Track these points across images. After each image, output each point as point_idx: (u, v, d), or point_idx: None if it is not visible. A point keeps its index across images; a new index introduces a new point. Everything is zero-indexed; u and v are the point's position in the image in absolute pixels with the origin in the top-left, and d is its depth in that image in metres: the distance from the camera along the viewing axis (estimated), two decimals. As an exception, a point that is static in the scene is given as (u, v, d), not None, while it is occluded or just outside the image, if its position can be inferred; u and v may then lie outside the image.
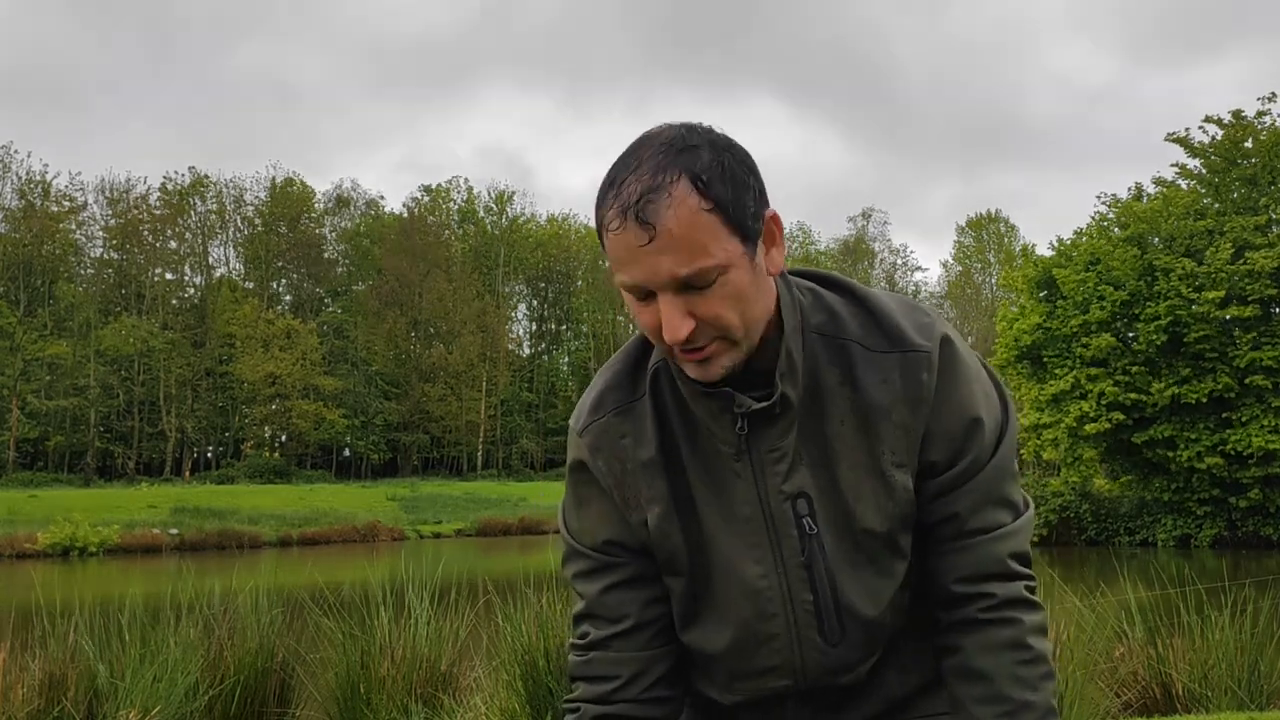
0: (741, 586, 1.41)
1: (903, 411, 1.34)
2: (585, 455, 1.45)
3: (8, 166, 60.78)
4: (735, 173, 1.23)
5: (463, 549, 30.72)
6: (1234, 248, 28.21)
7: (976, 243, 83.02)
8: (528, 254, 75.69)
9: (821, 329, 1.37)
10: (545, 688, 5.07)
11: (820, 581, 1.39)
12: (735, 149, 1.26)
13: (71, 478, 54.27)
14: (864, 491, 1.37)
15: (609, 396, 1.45)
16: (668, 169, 1.20)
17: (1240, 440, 27.66)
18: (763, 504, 1.38)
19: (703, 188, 1.20)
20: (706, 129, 1.27)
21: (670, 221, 1.19)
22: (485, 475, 64.39)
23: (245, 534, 33.56)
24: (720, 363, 1.29)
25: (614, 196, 1.22)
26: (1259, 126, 29.84)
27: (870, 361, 1.35)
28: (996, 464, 1.38)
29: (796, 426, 1.36)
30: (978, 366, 1.41)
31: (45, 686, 5.02)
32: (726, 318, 1.25)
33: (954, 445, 1.36)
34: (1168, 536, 29.15)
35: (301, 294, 69.69)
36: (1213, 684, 5.46)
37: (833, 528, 1.38)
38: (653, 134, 1.27)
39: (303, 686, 5.87)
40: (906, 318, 1.37)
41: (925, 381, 1.34)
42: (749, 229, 1.24)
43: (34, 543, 29.66)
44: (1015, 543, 1.40)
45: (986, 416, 1.37)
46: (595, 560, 1.48)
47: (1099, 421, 28.64)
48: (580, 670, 1.49)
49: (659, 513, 1.41)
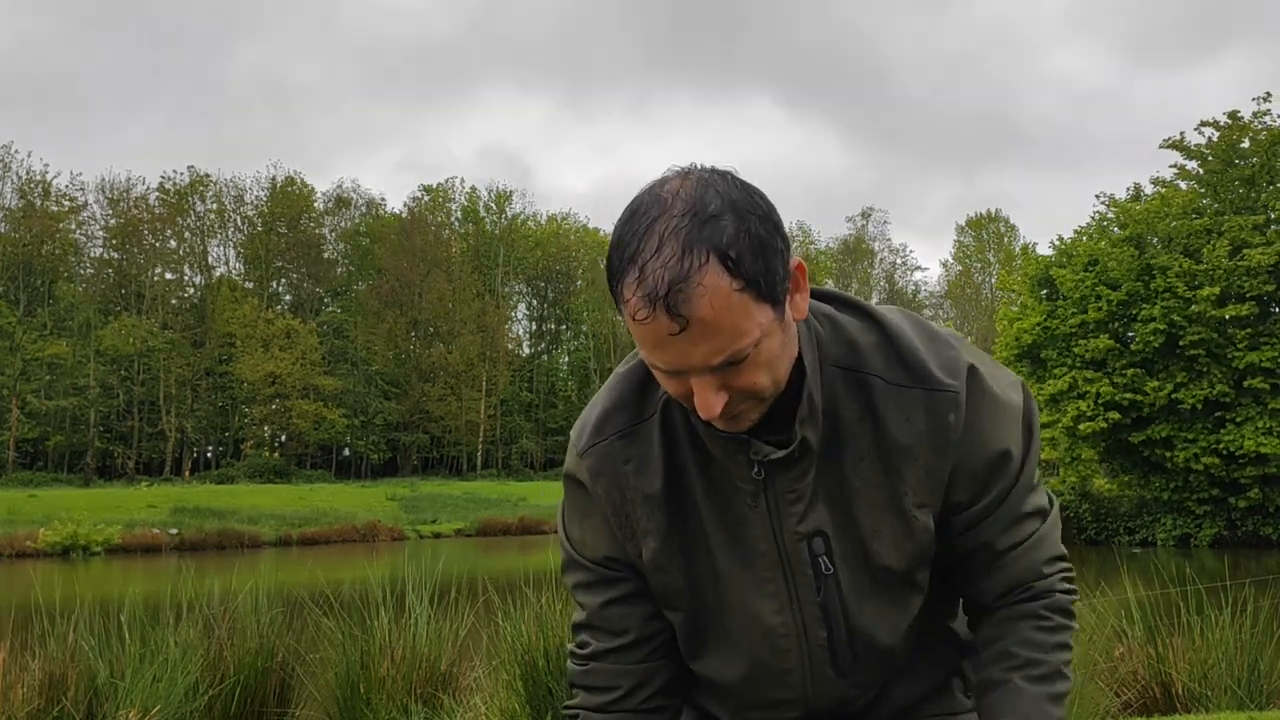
0: (755, 624, 1.39)
1: (928, 453, 1.31)
2: (585, 478, 1.41)
3: (8, 166, 60.83)
4: (762, 239, 1.15)
5: (462, 549, 30.71)
6: (1231, 246, 28.24)
7: (976, 242, 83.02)
8: (527, 254, 75.66)
9: (840, 361, 1.32)
10: (545, 688, 5.07)
11: (835, 619, 1.38)
12: (757, 207, 1.17)
13: (71, 477, 54.25)
14: (882, 529, 1.34)
15: (614, 417, 1.39)
16: (694, 249, 1.11)
17: (1234, 441, 27.69)
18: (778, 542, 1.35)
19: (733, 267, 1.12)
20: (723, 184, 1.18)
21: (704, 311, 1.12)
22: (485, 475, 64.37)
23: (245, 534, 33.55)
24: (749, 419, 1.25)
25: (636, 280, 1.13)
26: (1257, 127, 29.86)
27: (892, 397, 1.31)
28: (1022, 484, 1.37)
29: (815, 466, 1.32)
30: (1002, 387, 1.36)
31: (45, 686, 5.02)
32: (760, 383, 1.21)
33: (981, 481, 1.34)
34: (1167, 536, 29.16)
35: (301, 294, 69.67)
36: (1212, 683, 5.46)
37: (849, 564, 1.36)
38: (666, 195, 1.16)
39: (302, 686, 5.87)
40: (930, 350, 1.32)
41: (953, 423, 1.30)
42: (778, 295, 1.18)
43: (34, 542, 29.65)
44: (1046, 548, 1.41)
45: (1014, 445, 1.35)
46: (596, 573, 1.46)
47: (1095, 421, 28.67)
48: (580, 679, 1.48)
49: (655, 548, 1.38)
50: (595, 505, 1.42)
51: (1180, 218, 29.67)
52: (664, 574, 1.40)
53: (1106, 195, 32.52)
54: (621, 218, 1.19)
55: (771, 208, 1.20)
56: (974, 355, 1.35)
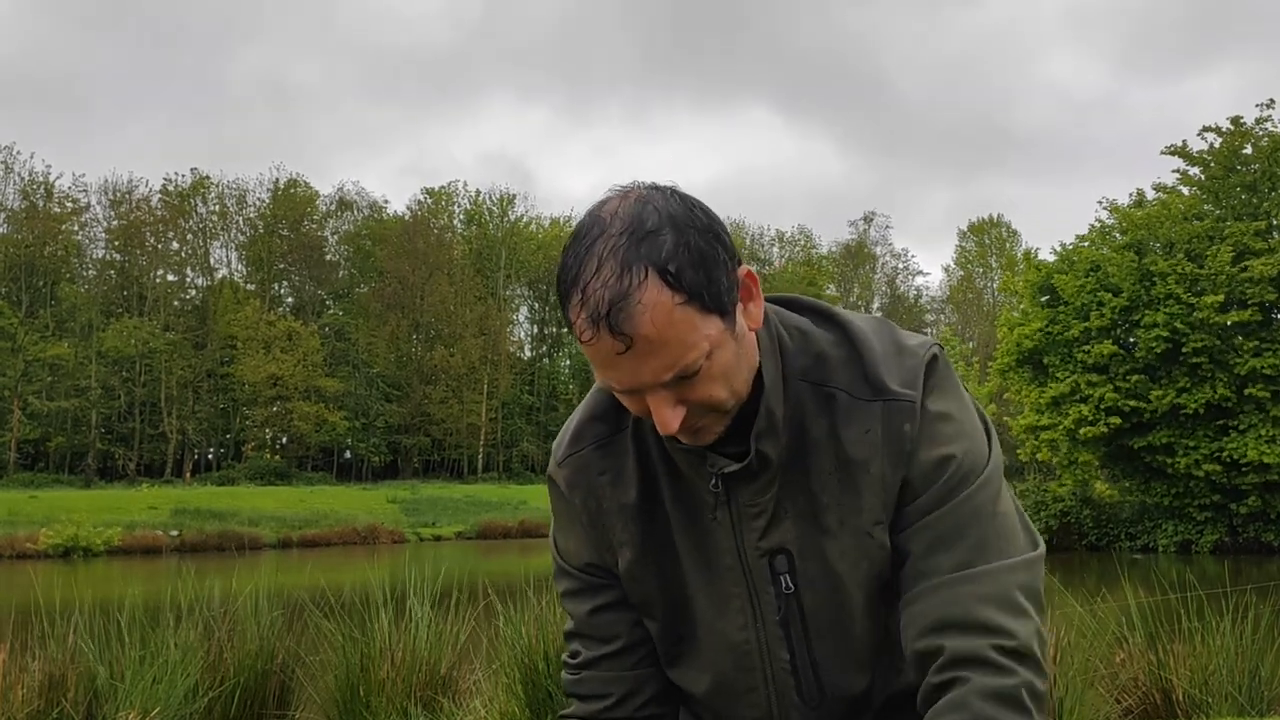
0: (720, 638, 1.38)
1: (882, 464, 1.27)
2: (563, 487, 1.42)
3: (10, 167, 60.90)
4: (702, 251, 1.15)
5: (463, 552, 30.71)
6: (1234, 252, 28.24)
7: (978, 247, 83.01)
8: (529, 257, 75.70)
9: (808, 375, 1.30)
10: (545, 691, 5.07)
11: (797, 642, 1.35)
12: (696, 220, 1.17)
13: (72, 479, 54.25)
14: (847, 548, 1.30)
15: (590, 428, 1.40)
16: (632, 267, 1.11)
17: (1237, 448, 27.66)
18: (741, 558, 1.34)
19: (673, 281, 1.12)
20: (661, 200, 1.17)
21: (646, 328, 1.11)
22: (486, 478, 64.38)
23: (245, 536, 33.54)
24: (712, 430, 1.25)
25: (580, 303, 1.13)
26: (1259, 133, 29.89)
27: (854, 411, 1.28)
28: (969, 498, 1.26)
29: (779, 481, 1.30)
30: (961, 399, 1.32)
31: (45, 687, 5.02)
32: (717, 396, 1.20)
33: (924, 482, 1.27)
34: (1168, 542, 29.13)
35: (303, 296, 69.70)
36: (1213, 690, 5.45)
37: (813, 585, 1.32)
38: (605, 216, 1.17)
39: (302, 689, 5.87)
40: (895, 362, 1.29)
41: (907, 433, 1.26)
42: (725, 305, 1.17)
43: (35, 543, 29.66)
44: (986, 586, 1.21)
45: (961, 453, 1.27)
46: (581, 580, 1.46)
47: (1096, 425, 28.66)
48: (573, 688, 1.48)
49: (630, 558, 1.38)
50: (574, 514, 1.43)
51: (1181, 223, 29.68)
52: (639, 584, 1.40)
53: (1108, 201, 32.57)
54: (566, 244, 1.19)
55: (713, 219, 1.19)
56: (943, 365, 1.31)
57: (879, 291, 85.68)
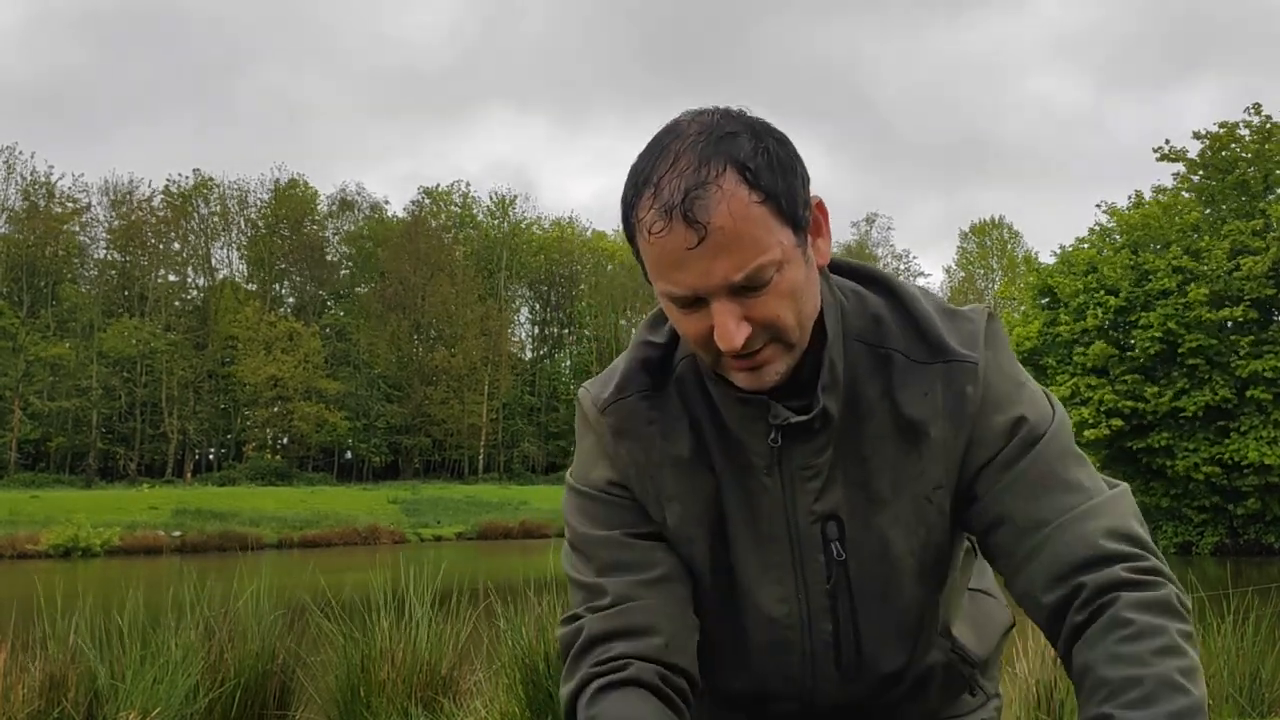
0: (759, 608, 1.31)
1: (944, 428, 1.23)
2: (607, 436, 1.31)
3: (12, 168, 60.92)
4: (781, 159, 1.13)
5: (463, 552, 30.70)
6: (1231, 250, 28.28)
7: (979, 249, 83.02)
8: (530, 257, 75.71)
9: (864, 336, 1.27)
10: (545, 691, 5.07)
11: (843, 612, 1.30)
12: (775, 133, 1.16)
13: (73, 479, 54.27)
14: (901, 515, 1.26)
15: (636, 377, 1.32)
16: (711, 161, 1.10)
17: (1238, 450, 27.65)
18: (789, 524, 1.28)
19: (751, 178, 1.10)
20: (739, 112, 1.17)
21: (722, 218, 1.08)
22: (486, 479, 64.38)
23: (246, 536, 33.55)
24: (774, 368, 1.18)
25: (651, 196, 1.11)
26: (1248, 139, 30.02)
27: (912, 373, 1.24)
28: (1046, 447, 1.23)
29: (834, 443, 1.25)
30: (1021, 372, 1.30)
31: (45, 687, 5.02)
32: (784, 318, 1.15)
33: (997, 444, 1.23)
34: (1169, 544, 29.10)
35: (304, 296, 69.71)
36: (1214, 692, 5.44)
37: (860, 552, 1.28)
38: (682, 122, 1.16)
39: (303, 689, 5.86)
40: (950, 326, 1.26)
41: (970, 395, 1.23)
42: (800, 219, 1.15)
43: (36, 543, 29.68)
44: (1099, 519, 1.18)
45: (1030, 413, 1.24)
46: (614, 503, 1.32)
47: (1098, 429, 28.67)
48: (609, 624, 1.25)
49: (680, 513, 1.30)
50: (619, 463, 1.31)
51: (1176, 222, 29.75)
52: (689, 544, 1.31)
53: (1107, 204, 32.65)
54: (640, 153, 1.16)
55: (790, 141, 1.17)
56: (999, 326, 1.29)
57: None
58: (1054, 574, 1.18)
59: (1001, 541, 1.23)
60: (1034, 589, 1.20)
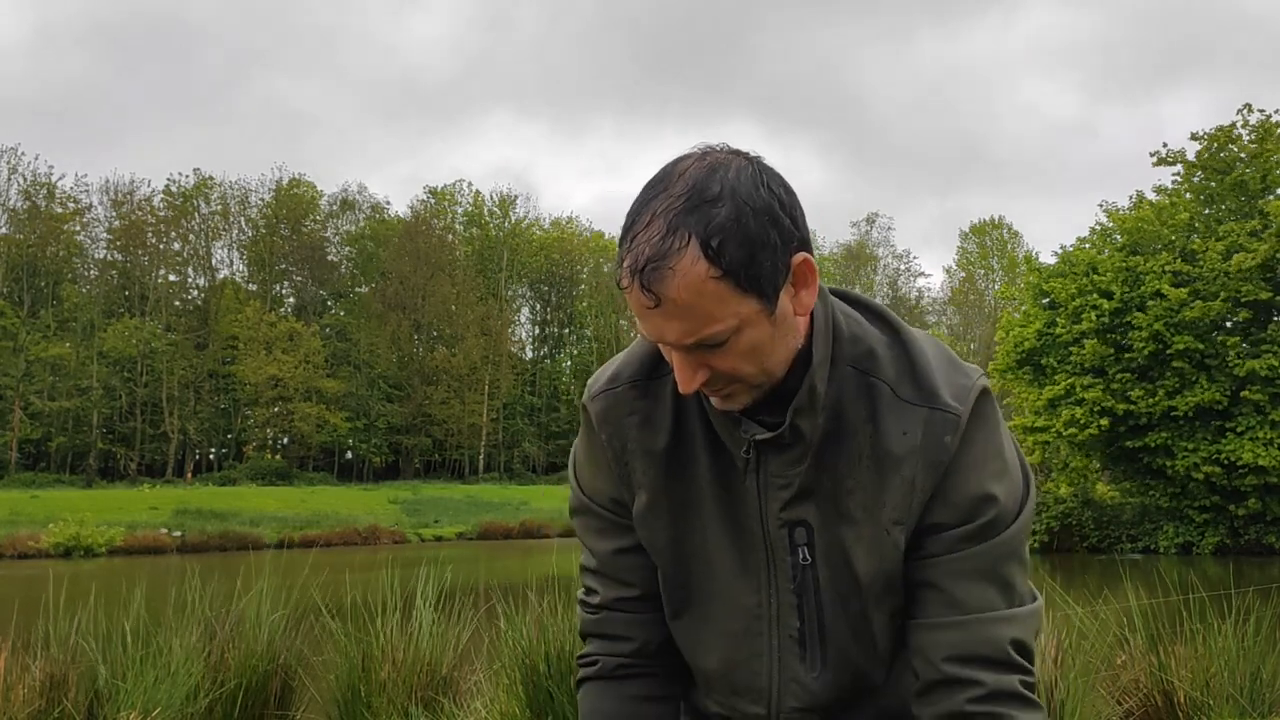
0: (733, 598, 1.39)
1: (915, 468, 1.28)
2: (594, 420, 1.43)
3: (14, 168, 60.92)
4: (752, 231, 1.16)
5: (464, 552, 30.69)
6: (1226, 250, 28.28)
7: (980, 249, 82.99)
8: (531, 257, 75.72)
9: (858, 363, 1.32)
10: (546, 692, 5.07)
11: (808, 610, 1.36)
12: (758, 199, 1.17)
13: (73, 479, 54.28)
14: (862, 535, 1.32)
15: (630, 369, 1.42)
16: (678, 231, 1.14)
17: (1234, 451, 27.64)
18: (763, 524, 1.35)
19: (713, 254, 1.14)
20: (735, 168, 1.19)
21: (675, 292, 1.15)
22: (487, 478, 64.39)
23: (247, 536, 33.57)
24: (740, 400, 1.28)
25: (627, 250, 1.18)
26: (1244, 138, 30.04)
27: (896, 409, 1.30)
28: (1003, 542, 1.30)
29: (811, 458, 1.31)
30: (1007, 440, 1.34)
31: (46, 687, 5.01)
32: (742, 370, 1.23)
33: (959, 513, 1.30)
34: (1169, 544, 29.09)
35: (304, 296, 69.72)
36: (1215, 692, 5.44)
37: (828, 562, 1.34)
38: (674, 172, 1.19)
39: (304, 689, 5.86)
40: (944, 374, 1.31)
41: (947, 444, 1.28)
42: (764, 287, 1.18)
43: (36, 543, 29.68)
44: (1014, 629, 1.30)
45: (1003, 495, 1.30)
46: (605, 519, 1.46)
47: (1089, 428, 28.71)
48: (593, 628, 1.48)
49: (645, 502, 1.39)
50: (600, 448, 1.43)
51: (1172, 224, 29.77)
52: (648, 531, 1.41)
53: (1108, 204, 32.66)
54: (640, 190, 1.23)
55: (778, 201, 1.19)
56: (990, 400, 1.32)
57: (880, 293, 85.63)
58: (960, 654, 1.29)
59: (922, 598, 1.33)
60: (934, 653, 1.30)
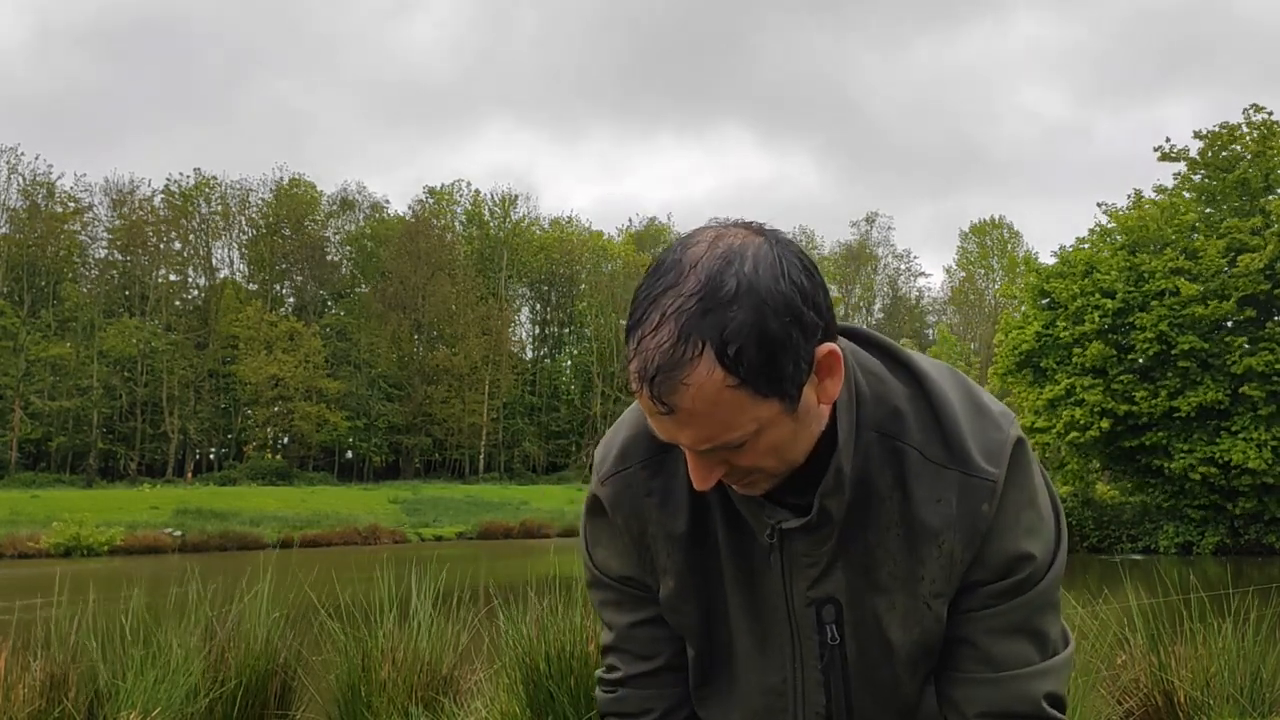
0: (757, 678, 1.36)
1: (953, 540, 1.23)
2: (606, 505, 1.37)
3: (14, 168, 60.90)
4: (772, 332, 1.07)
5: (464, 552, 30.70)
6: (1228, 249, 28.28)
7: (980, 248, 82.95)
8: (531, 257, 75.70)
9: (882, 427, 1.25)
10: (546, 691, 5.07)
11: (835, 689, 1.33)
12: (778, 294, 1.07)
13: (74, 478, 54.26)
14: (896, 605, 1.28)
15: (637, 445, 1.33)
16: (690, 339, 1.05)
17: (1228, 451, 27.63)
18: (788, 603, 1.31)
19: (729, 363, 1.06)
20: (752, 257, 1.09)
21: (689, 403, 1.07)
22: (487, 478, 64.37)
23: (247, 536, 33.55)
24: (761, 487, 1.22)
25: (634, 349, 1.08)
26: (1247, 136, 30.03)
27: (926, 473, 1.23)
28: (1038, 594, 1.27)
29: (838, 533, 1.26)
30: (1041, 484, 1.30)
31: (46, 687, 5.02)
32: (762, 465, 1.17)
33: (994, 573, 1.26)
34: (1169, 544, 29.08)
35: (305, 296, 69.70)
36: (1215, 691, 5.44)
37: (857, 636, 1.31)
38: (686, 262, 1.09)
39: (304, 689, 5.86)
40: (973, 428, 1.24)
41: (985, 513, 1.22)
42: (785, 389, 1.11)
43: (36, 543, 29.67)
44: (1047, 683, 1.28)
45: (1039, 551, 1.27)
46: (621, 593, 1.42)
47: (1090, 430, 28.68)
48: (610, 706, 1.45)
49: (673, 587, 1.35)
50: (615, 532, 1.38)
51: (1174, 222, 29.76)
52: (679, 615, 1.36)
53: (1108, 205, 32.62)
54: (648, 268, 1.13)
55: (799, 292, 1.10)
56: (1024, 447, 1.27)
57: (880, 293, 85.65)
58: (993, 710, 1.28)
59: (957, 653, 1.30)
60: (967, 708, 1.29)
